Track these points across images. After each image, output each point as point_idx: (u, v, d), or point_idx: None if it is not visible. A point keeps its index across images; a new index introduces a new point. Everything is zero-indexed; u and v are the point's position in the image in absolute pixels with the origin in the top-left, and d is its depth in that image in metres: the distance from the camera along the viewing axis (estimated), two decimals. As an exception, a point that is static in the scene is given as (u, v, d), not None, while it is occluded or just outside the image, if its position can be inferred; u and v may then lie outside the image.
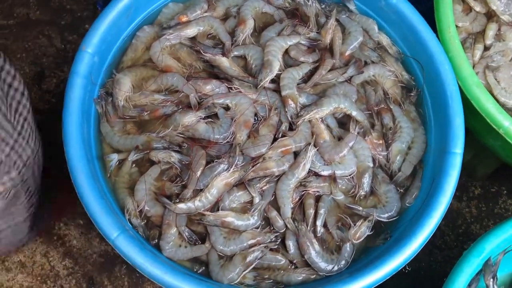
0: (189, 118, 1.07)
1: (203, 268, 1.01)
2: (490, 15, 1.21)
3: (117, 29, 1.12)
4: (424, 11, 1.19)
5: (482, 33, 1.19)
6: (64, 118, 0.99)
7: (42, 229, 1.35)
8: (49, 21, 1.63)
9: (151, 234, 1.01)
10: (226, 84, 1.11)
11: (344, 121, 1.13)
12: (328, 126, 1.10)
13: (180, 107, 1.09)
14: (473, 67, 1.15)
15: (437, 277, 1.40)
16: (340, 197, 1.05)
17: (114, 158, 1.05)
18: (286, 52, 1.16)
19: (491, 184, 1.52)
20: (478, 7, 1.20)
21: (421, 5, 1.24)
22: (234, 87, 1.10)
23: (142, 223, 1.01)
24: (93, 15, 1.65)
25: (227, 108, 1.10)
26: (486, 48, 1.18)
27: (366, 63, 1.17)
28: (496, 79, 1.14)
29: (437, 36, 1.14)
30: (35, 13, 1.64)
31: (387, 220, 1.03)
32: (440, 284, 1.01)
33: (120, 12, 1.10)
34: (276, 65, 1.11)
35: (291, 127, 1.09)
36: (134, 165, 1.06)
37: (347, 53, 1.17)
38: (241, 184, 1.04)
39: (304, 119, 1.07)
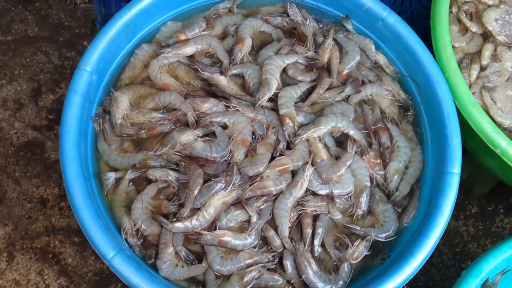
0: (187, 137, 1.07)
1: (200, 288, 1.00)
2: (486, 36, 1.22)
3: (116, 47, 1.12)
4: (420, 30, 1.21)
5: (479, 53, 1.20)
6: (61, 136, 0.99)
7: None
8: (47, 37, 1.63)
9: (147, 253, 1.00)
10: (224, 103, 1.11)
11: (341, 140, 1.13)
12: (325, 145, 1.10)
13: (178, 125, 1.09)
14: (470, 87, 1.16)
15: (435, 296, 1.40)
16: (337, 216, 1.04)
17: (111, 176, 1.05)
18: (284, 71, 1.16)
19: (488, 202, 1.52)
20: (474, 28, 1.21)
21: (418, 24, 1.26)
22: (232, 106, 1.10)
23: (139, 242, 1.00)
24: (91, 32, 1.66)
25: (224, 127, 1.10)
26: (483, 69, 1.19)
27: (363, 82, 1.18)
28: (492, 99, 1.14)
29: (434, 56, 1.14)
30: (34, 30, 1.64)
31: (385, 240, 1.03)
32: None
33: (119, 30, 1.11)
34: (274, 83, 1.11)
35: (289, 146, 1.09)
36: (131, 183, 1.06)
37: (345, 72, 1.18)
38: (238, 203, 1.03)
39: (302, 138, 1.07)
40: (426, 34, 1.20)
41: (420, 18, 1.74)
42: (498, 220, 1.50)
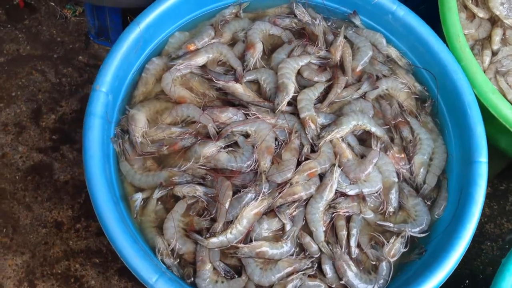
0: (210, 149, 1.05)
1: (243, 302, 0.99)
2: (494, 20, 1.22)
3: (128, 64, 1.09)
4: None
5: (488, 38, 1.20)
6: (85, 162, 0.96)
7: None
8: (41, 55, 1.59)
9: (185, 272, 0.98)
10: (243, 111, 1.09)
11: (363, 138, 1.12)
12: (349, 145, 1.10)
13: (199, 138, 1.07)
14: (484, 73, 1.16)
15: (457, 279, 1.41)
16: (370, 215, 1.04)
17: (139, 197, 1.02)
18: (298, 72, 1.15)
19: (499, 182, 1.54)
20: (481, 13, 1.22)
21: (413, 10, 1.25)
22: (251, 113, 1.09)
23: (175, 262, 0.98)
24: (86, 46, 1.62)
25: (246, 135, 1.08)
26: (494, 53, 1.19)
27: (377, 77, 1.18)
28: (507, 83, 1.15)
29: (446, 45, 1.15)
30: (26, 48, 1.59)
31: (419, 234, 1.03)
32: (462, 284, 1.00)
33: (129, 47, 1.08)
34: (292, 87, 1.10)
35: (313, 149, 1.08)
36: (159, 202, 1.04)
37: (358, 68, 1.17)
38: (270, 211, 1.02)
39: (326, 140, 1.06)
40: (423, 18, 1.20)
41: (414, 3, 1.74)
42: (511, 198, 1.53)
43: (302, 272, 0.98)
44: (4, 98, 1.52)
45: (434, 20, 1.20)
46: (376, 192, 1.06)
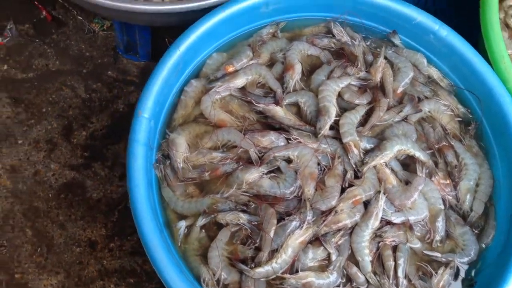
0: (252, 175, 1.04)
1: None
2: (537, 40, 1.20)
3: (168, 88, 1.08)
4: None
5: (532, 58, 1.18)
6: (131, 191, 0.95)
7: None
8: (70, 70, 1.57)
9: (231, 303, 0.97)
10: (284, 135, 1.08)
11: (406, 162, 1.10)
12: (392, 170, 1.08)
13: (241, 163, 1.06)
14: (530, 95, 1.14)
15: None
16: (417, 244, 1.02)
17: (182, 225, 1.01)
18: (339, 94, 1.13)
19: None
20: (525, 33, 1.19)
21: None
22: (293, 138, 1.07)
23: (221, 292, 0.97)
24: (115, 61, 1.60)
25: (288, 161, 1.07)
26: (539, 74, 1.17)
27: (419, 99, 1.15)
28: (555, 105, 1.13)
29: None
30: (55, 64, 1.58)
31: (468, 265, 1.01)
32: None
33: (170, 70, 1.06)
34: (333, 111, 1.08)
35: (356, 175, 1.06)
36: (202, 230, 1.02)
37: (399, 90, 1.15)
38: (315, 240, 1.01)
39: (370, 166, 1.04)
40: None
41: (444, 17, 1.72)
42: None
43: (350, 303, 0.97)
44: (35, 114, 1.51)
45: (467, 35, 1.18)
46: (422, 220, 1.04)
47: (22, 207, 1.39)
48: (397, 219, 1.02)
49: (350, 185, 1.04)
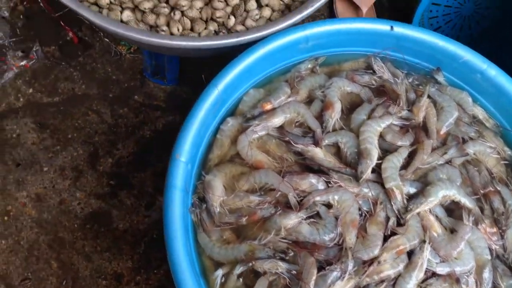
0: (291, 220, 1.00)
1: None
2: None
3: (205, 128, 1.04)
4: (481, 52, 1.13)
5: None
6: (168, 239, 0.92)
7: None
8: (97, 94, 1.54)
9: None
10: (324, 178, 1.04)
11: (450, 207, 1.06)
12: (437, 217, 1.03)
13: (279, 208, 1.02)
14: None
15: None
16: (463, 297, 0.98)
17: (219, 274, 0.98)
18: (380, 135, 1.09)
19: None
20: None
21: (478, 46, 1.18)
22: (333, 181, 1.03)
23: None
24: (142, 85, 1.57)
25: (328, 206, 1.03)
26: None
27: (464, 140, 1.11)
28: None
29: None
30: (81, 88, 1.55)
31: (518, 321, 0.97)
32: None
33: (207, 110, 1.03)
34: (375, 153, 1.04)
35: (399, 221, 1.02)
36: (239, 278, 0.99)
37: (443, 130, 1.11)
38: (356, 291, 0.97)
39: (414, 213, 1.00)
40: (488, 55, 1.14)
41: (480, 39, 1.68)
42: None
43: None
44: (61, 140, 1.48)
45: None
46: (469, 271, 0.99)
47: (47, 237, 1.36)
48: (443, 270, 0.98)
49: (393, 233, 1.00)
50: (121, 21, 1.11)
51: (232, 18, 1.13)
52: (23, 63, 1.53)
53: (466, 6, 1.59)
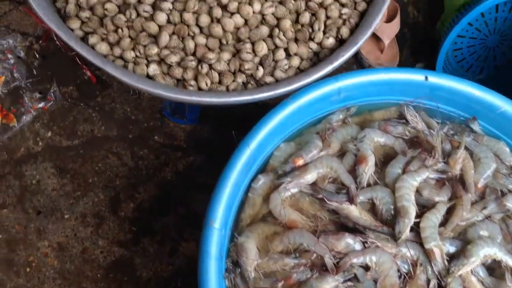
0: (328, 284, 0.96)
1: None
2: None
3: (237, 188, 1.01)
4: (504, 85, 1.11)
5: None
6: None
7: None
8: (116, 136, 1.51)
9: None
10: (360, 237, 1.00)
11: (491, 266, 1.02)
12: (478, 277, 1.00)
13: (315, 271, 0.98)
14: None
15: None
16: None
17: None
18: (417, 190, 1.05)
19: None
20: None
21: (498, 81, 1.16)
22: (370, 241, 1.00)
23: None
24: (161, 125, 1.54)
25: (366, 268, 0.99)
26: None
27: (502, 193, 1.07)
28: None
29: None
30: (100, 129, 1.52)
31: None
32: None
33: (239, 172, 0.99)
34: (413, 211, 1.01)
35: (440, 283, 0.98)
36: None
37: (481, 183, 1.07)
38: None
39: (456, 276, 0.97)
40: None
41: (505, 69, 1.65)
42: None
43: None
44: (81, 185, 1.45)
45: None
46: (513, 335, 0.96)
47: (71, 289, 1.34)
48: (486, 334, 0.95)
49: (434, 296, 0.96)
50: (147, 75, 1.08)
51: (261, 69, 1.09)
52: (41, 105, 1.50)
53: (491, 37, 1.56)
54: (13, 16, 1.60)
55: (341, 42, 1.17)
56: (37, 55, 1.57)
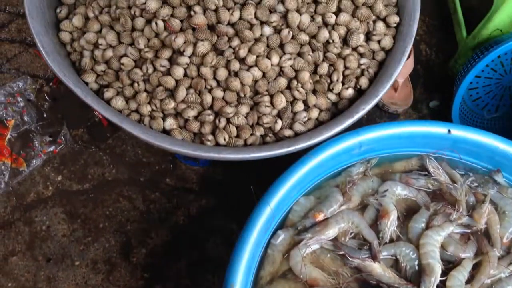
0: None
1: None
2: None
3: (257, 248, 0.98)
4: None
5: None
6: None
7: None
8: (127, 179, 1.49)
9: None
10: (385, 296, 0.97)
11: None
12: (507, 337, 0.97)
13: (339, 333, 0.95)
14: None
15: None
16: None
17: None
18: (441, 245, 1.03)
19: None
20: None
21: None
22: (395, 300, 0.97)
23: None
24: (173, 167, 1.51)
25: (391, 329, 0.96)
26: None
27: (528, 247, 1.05)
28: None
29: None
30: (111, 172, 1.49)
31: None
32: None
33: (260, 231, 0.97)
34: (439, 269, 0.98)
35: None
36: None
37: (507, 238, 1.05)
38: None
39: (486, 338, 0.94)
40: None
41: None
42: None
43: None
44: (92, 231, 1.42)
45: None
46: None
47: None
48: None
49: None
50: (164, 129, 1.06)
51: (279, 122, 1.07)
52: (51, 149, 1.48)
53: (507, 77, 1.54)
54: (23, 59, 1.59)
55: (359, 92, 1.15)
56: (47, 98, 1.55)
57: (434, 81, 1.71)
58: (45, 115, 1.53)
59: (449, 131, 1.05)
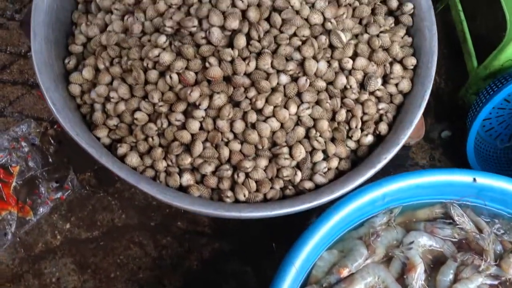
0: None
1: None
2: None
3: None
4: None
5: None
6: None
7: None
8: (138, 224, 1.45)
9: None
10: None
11: None
12: None
13: None
14: None
15: None
16: None
17: None
18: (469, 298, 1.00)
19: None
20: None
21: None
22: None
23: None
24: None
25: None
26: None
27: (558, 298, 1.01)
28: None
29: None
30: (121, 218, 1.45)
31: None
32: None
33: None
34: (470, 324, 0.95)
35: None
36: None
37: (536, 288, 1.01)
38: None
39: None
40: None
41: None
42: None
43: None
44: (103, 281, 1.38)
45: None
46: None
47: None
48: None
49: None
50: (180, 185, 1.02)
51: (299, 174, 1.04)
52: (58, 195, 1.44)
53: (520, 107, 1.52)
54: (26, 101, 1.55)
55: (378, 137, 1.12)
56: (52, 141, 1.51)
57: (445, 110, 1.69)
58: (50, 160, 1.49)
59: (474, 179, 1.02)
